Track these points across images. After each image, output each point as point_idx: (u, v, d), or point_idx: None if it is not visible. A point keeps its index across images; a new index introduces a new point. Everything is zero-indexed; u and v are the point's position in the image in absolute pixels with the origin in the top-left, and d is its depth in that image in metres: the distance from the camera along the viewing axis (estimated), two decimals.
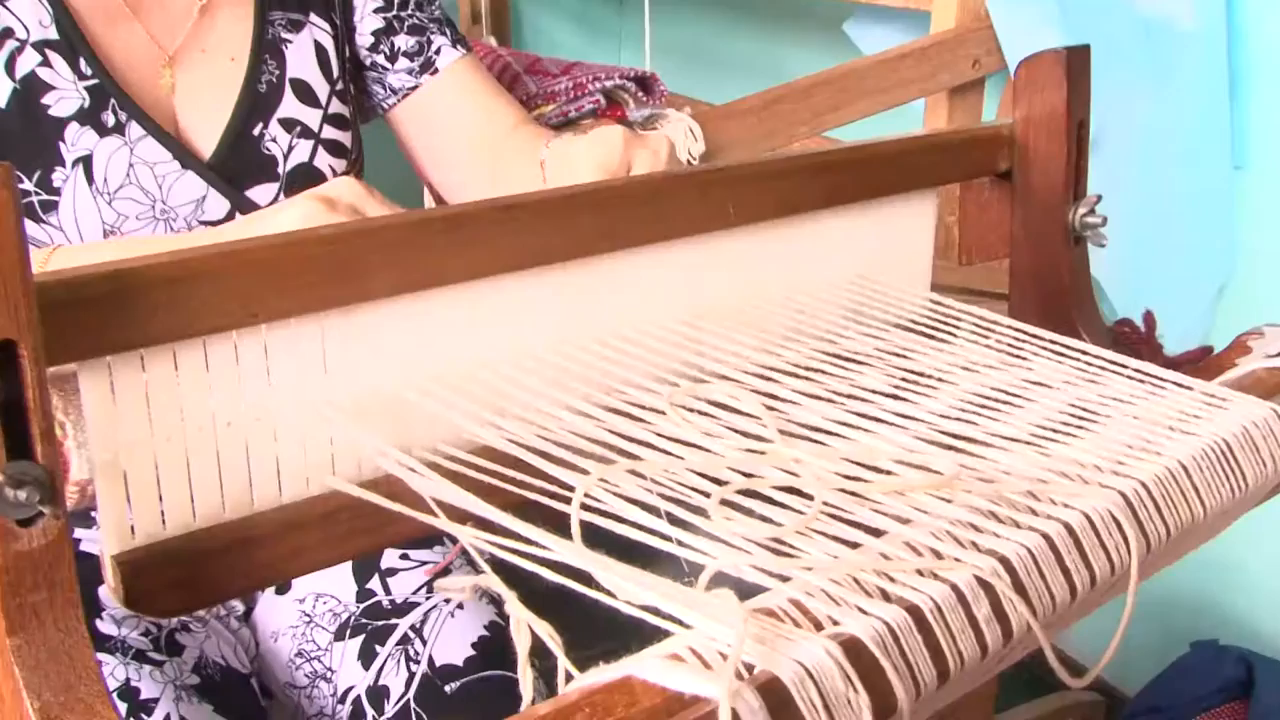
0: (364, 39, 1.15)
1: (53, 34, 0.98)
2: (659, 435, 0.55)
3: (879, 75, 1.48)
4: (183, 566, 0.56)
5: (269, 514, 0.58)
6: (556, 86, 1.35)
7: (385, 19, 1.15)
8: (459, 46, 1.18)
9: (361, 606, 1.05)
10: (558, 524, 0.50)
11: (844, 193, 0.73)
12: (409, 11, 1.16)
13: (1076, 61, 0.80)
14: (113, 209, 1.00)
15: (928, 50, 1.50)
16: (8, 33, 0.97)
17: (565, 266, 0.63)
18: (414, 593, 1.06)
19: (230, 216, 1.04)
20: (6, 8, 0.97)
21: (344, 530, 0.60)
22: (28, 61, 0.97)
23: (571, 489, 0.51)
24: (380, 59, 1.16)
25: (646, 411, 0.58)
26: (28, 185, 0.98)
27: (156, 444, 0.55)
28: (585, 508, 0.49)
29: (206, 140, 1.05)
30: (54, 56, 0.98)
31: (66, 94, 0.98)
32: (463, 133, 1.16)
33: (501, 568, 0.49)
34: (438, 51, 1.16)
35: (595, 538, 0.48)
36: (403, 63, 1.16)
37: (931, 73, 1.51)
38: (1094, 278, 1.54)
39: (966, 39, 1.51)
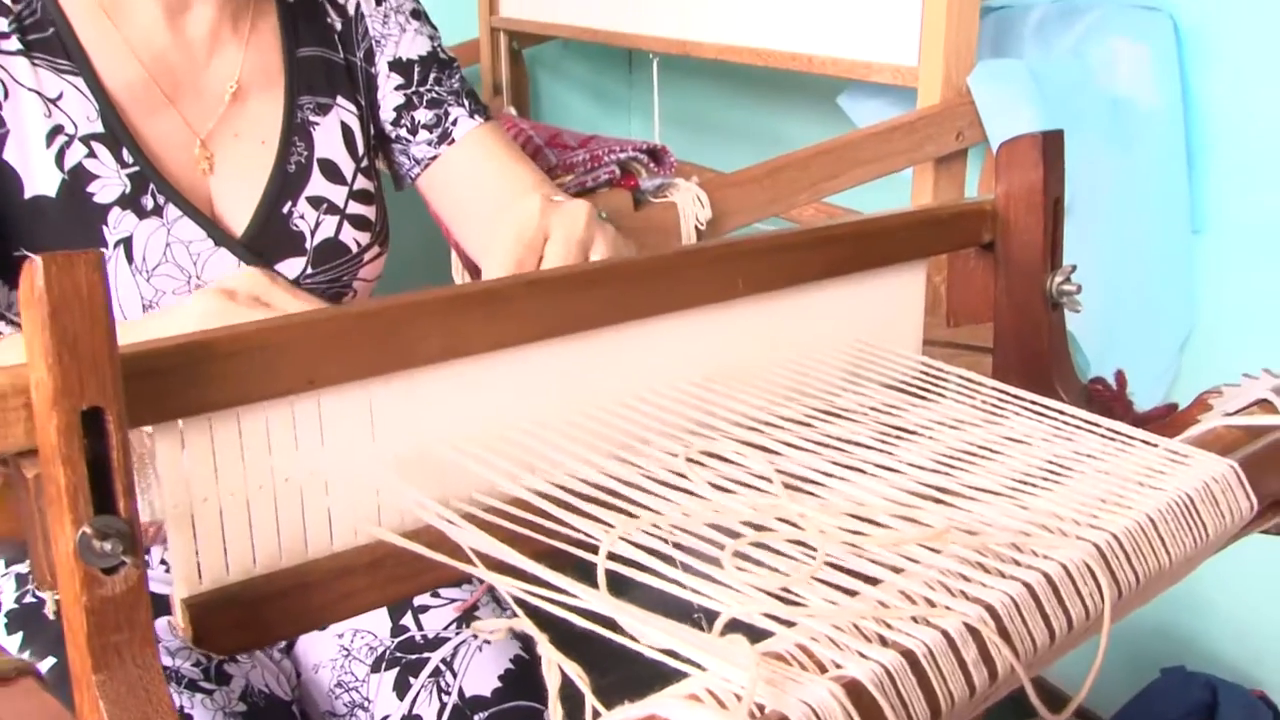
0: (387, 114, 1.16)
1: (98, 127, 0.99)
2: (674, 489, 0.57)
3: (872, 146, 1.50)
4: (244, 609, 0.57)
5: (321, 561, 0.60)
6: (575, 158, 1.37)
7: (406, 95, 1.16)
8: (476, 116, 1.17)
9: (396, 641, 1.06)
10: (579, 567, 0.51)
11: (843, 264, 0.75)
12: (428, 87, 1.16)
13: (1052, 145, 0.82)
14: (150, 285, 1.01)
15: (915, 124, 1.52)
16: (59, 129, 0.98)
17: (589, 334, 0.65)
18: (444, 628, 1.07)
19: None
20: (58, 106, 0.98)
21: (389, 576, 0.61)
22: (75, 154, 0.98)
23: (593, 538, 0.53)
24: (403, 132, 1.17)
25: (662, 467, 0.60)
26: None
27: (222, 498, 0.56)
28: (610, 557, 0.50)
29: (239, 218, 1.06)
30: (99, 148, 0.99)
31: (110, 182, 0.99)
32: (483, 196, 1.16)
33: (527, 608, 0.51)
34: (455, 123, 1.17)
35: (611, 579, 0.49)
36: (423, 135, 1.16)
37: (919, 144, 1.53)
38: (1070, 331, 1.55)
39: (951, 113, 1.53)
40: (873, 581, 0.49)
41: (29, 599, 1.08)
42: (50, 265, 0.46)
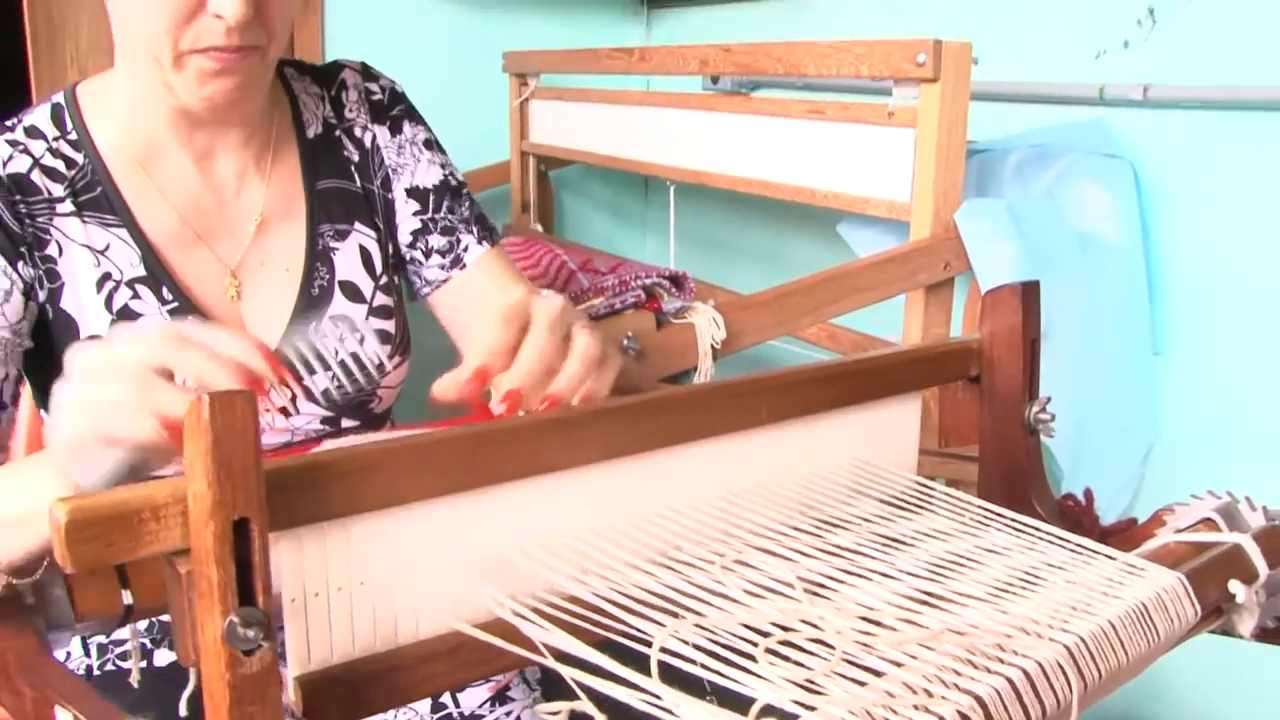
0: (404, 238, 1.19)
1: (140, 271, 1.04)
2: (710, 592, 0.63)
3: (869, 275, 1.56)
4: (346, 687, 0.63)
5: (409, 648, 0.66)
6: (605, 283, 1.44)
7: (422, 220, 1.19)
8: (484, 242, 1.21)
9: (436, 717, 1.09)
10: (622, 655, 0.57)
11: (850, 396, 0.81)
12: (441, 214, 1.19)
13: (1029, 293, 0.89)
14: None
15: (908, 255, 1.57)
16: (107, 276, 1.03)
17: (636, 457, 0.72)
18: (480, 706, 1.09)
19: (292, 402, 1.07)
20: (105, 256, 1.03)
21: (465, 661, 0.67)
22: (122, 297, 1.04)
23: (641, 631, 0.59)
24: (418, 255, 1.20)
25: (701, 573, 0.66)
26: None
27: (330, 593, 0.63)
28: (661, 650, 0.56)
29: (268, 338, 1.07)
30: (142, 289, 1.05)
31: (152, 319, 1.04)
32: (485, 313, 1.21)
33: (563, 689, 0.56)
34: (465, 249, 1.20)
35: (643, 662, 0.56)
36: (435, 259, 1.19)
37: (911, 273, 1.58)
38: (1045, 445, 1.62)
39: (939, 246, 1.58)
40: (879, 675, 0.55)
41: (110, 666, 1.13)
42: (214, 401, 0.53)
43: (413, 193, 1.19)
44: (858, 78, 1.67)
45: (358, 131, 1.18)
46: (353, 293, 1.15)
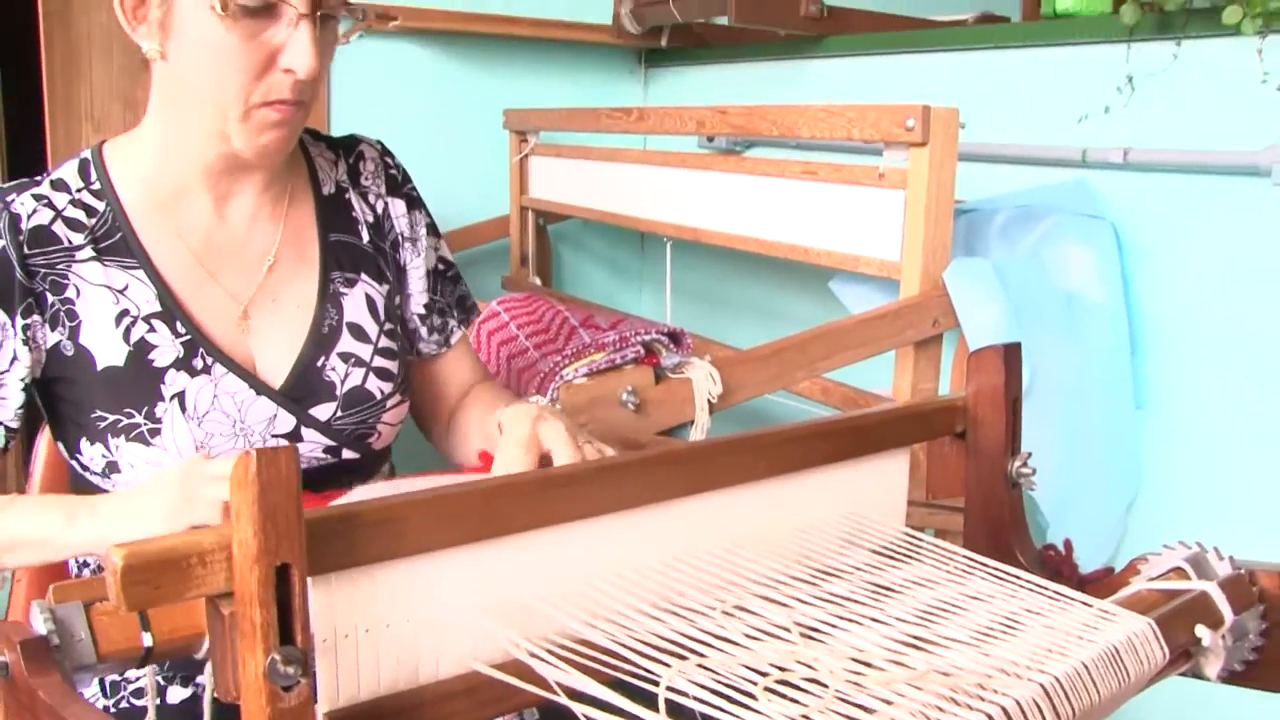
0: (414, 308, 1.30)
1: (156, 307, 1.12)
2: (712, 635, 0.68)
3: (860, 331, 1.60)
4: None
5: (430, 687, 0.70)
6: (606, 339, 1.49)
7: (430, 298, 1.30)
8: (461, 326, 1.36)
9: None
10: (632, 694, 0.61)
11: (842, 451, 0.86)
12: (440, 297, 1.31)
13: (1011, 355, 0.94)
14: (201, 429, 1.11)
15: (899, 312, 1.62)
16: (125, 312, 1.10)
17: (643, 509, 0.77)
18: None
19: (296, 430, 1.16)
20: (124, 295, 1.11)
21: (483, 699, 0.71)
22: (139, 330, 1.11)
23: (649, 672, 0.64)
24: (423, 330, 1.31)
25: (704, 618, 0.71)
26: (138, 418, 1.10)
27: (358, 635, 0.67)
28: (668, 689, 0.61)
29: (278, 371, 1.16)
30: (158, 324, 1.12)
31: (166, 349, 1.11)
32: (449, 381, 1.34)
33: None
34: (451, 331, 1.33)
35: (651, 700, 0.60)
36: (434, 336, 1.32)
37: (901, 330, 1.62)
38: (1031, 497, 1.66)
39: (928, 303, 1.62)
40: (870, 712, 0.60)
41: (124, 704, 1.18)
42: (261, 456, 0.58)
43: (425, 273, 1.30)
44: (849, 140, 1.73)
45: (371, 198, 1.27)
46: (359, 334, 1.22)
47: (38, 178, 1.14)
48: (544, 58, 3.00)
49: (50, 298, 1.09)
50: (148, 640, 0.75)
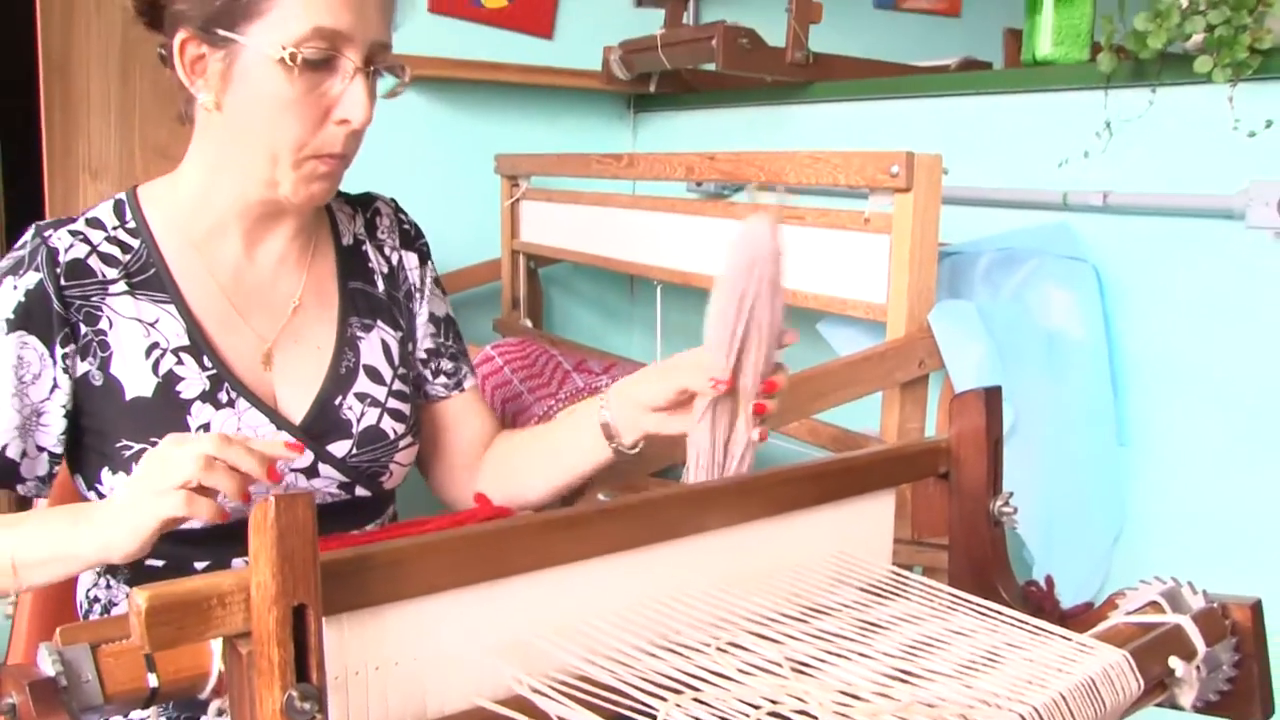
0: (420, 354, 1.34)
1: (184, 341, 1.16)
2: (707, 671, 0.71)
3: (848, 373, 1.62)
4: None
5: None
6: (599, 383, 1.53)
7: (436, 343, 1.35)
8: (472, 375, 1.39)
9: None
10: None
11: (831, 493, 0.90)
12: (449, 342, 1.36)
13: (992, 398, 0.98)
14: None
15: (885, 354, 1.64)
16: (155, 345, 1.15)
17: (639, 550, 0.80)
18: None
19: (314, 466, 1.20)
20: (154, 328, 1.15)
21: None
22: (167, 363, 1.15)
23: (647, 706, 0.67)
24: (427, 373, 1.35)
25: (699, 654, 0.74)
26: None
27: (368, 672, 0.71)
28: None
29: (298, 408, 1.21)
30: (185, 357, 1.16)
31: (193, 382, 1.16)
32: (461, 437, 1.37)
33: None
34: (464, 376, 1.38)
35: None
36: (442, 379, 1.36)
37: (888, 372, 1.64)
38: (1017, 534, 1.70)
39: (914, 345, 1.65)
40: None
41: None
42: (280, 503, 0.61)
43: (432, 319, 1.35)
44: (835, 185, 1.78)
45: (386, 250, 1.34)
46: (375, 376, 1.27)
47: (73, 216, 1.19)
48: (534, 103, 3.06)
49: (84, 328, 1.14)
50: (153, 681, 0.78)
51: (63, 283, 1.13)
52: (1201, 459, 1.79)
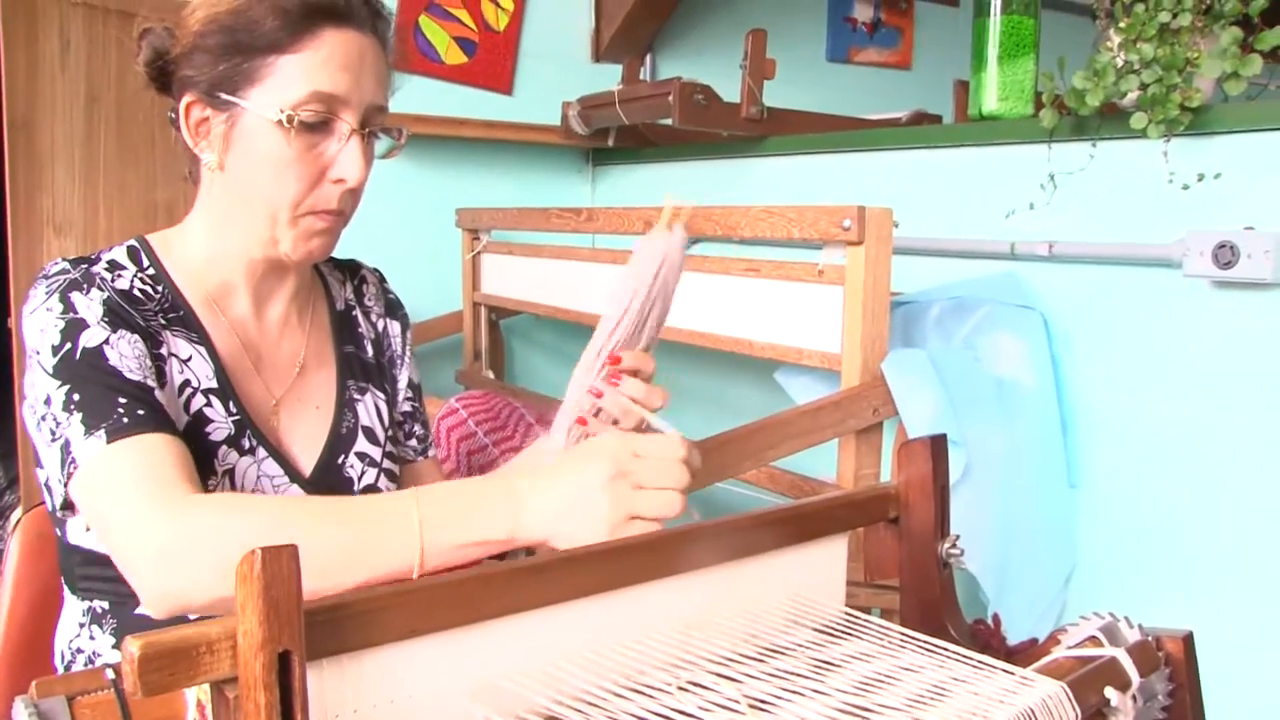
0: (397, 416, 1.39)
1: (214, 383, 1.19)
2: (669, 709, 0.76)
3: (804, 421, 1.68)
4: None
5: None
6: None
7: (412, 406, 1.41)
8: (433, 445, 1.46)
9: None
10: None
11: (786, 538, 0.95)
12: (421, 408, 1.42)
13: (938, 445, 1.03)
14: None
15: (840, 402, 1.70)
16: (187, 383, 1.17)
17: (605, 596, 0.85)
18: None
19: None
20: (188, 366, 1.17)
21: None
22: (198, 402, 1.18)
23: None
24: (401, 434, 1.40)
25: (661, 694, 0.79)
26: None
27: (347, 715, 0.75)
28: None
29: (306, 461, 1.25)
30: (214, 399, 1.19)
31: (220, 425, 1.18)
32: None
33: None
34: (430, 443, 1.44)
35: None
36: (413, 442, 1.41)
37: (842, 419, 1.70)
38: (971, 573, 1.75)
39: (868, 394, 1.71)
40: None
41: None
42: (266, 554, 0.66)
43: (410, 384, 1.41)
44: (790, 239, 1.84)
45: (373, 317, 1.41)
46: (371, 437, 1.33)
47: (90, 256, 1.19)
48: (495, 157, 3.12)
49: (150, 347, 1.14)
50: None
51: (123, 302, 1.14)
52: (1148, 498, 1.86)
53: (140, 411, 1.05)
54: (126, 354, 1.10)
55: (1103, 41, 1.81)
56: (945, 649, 0.89)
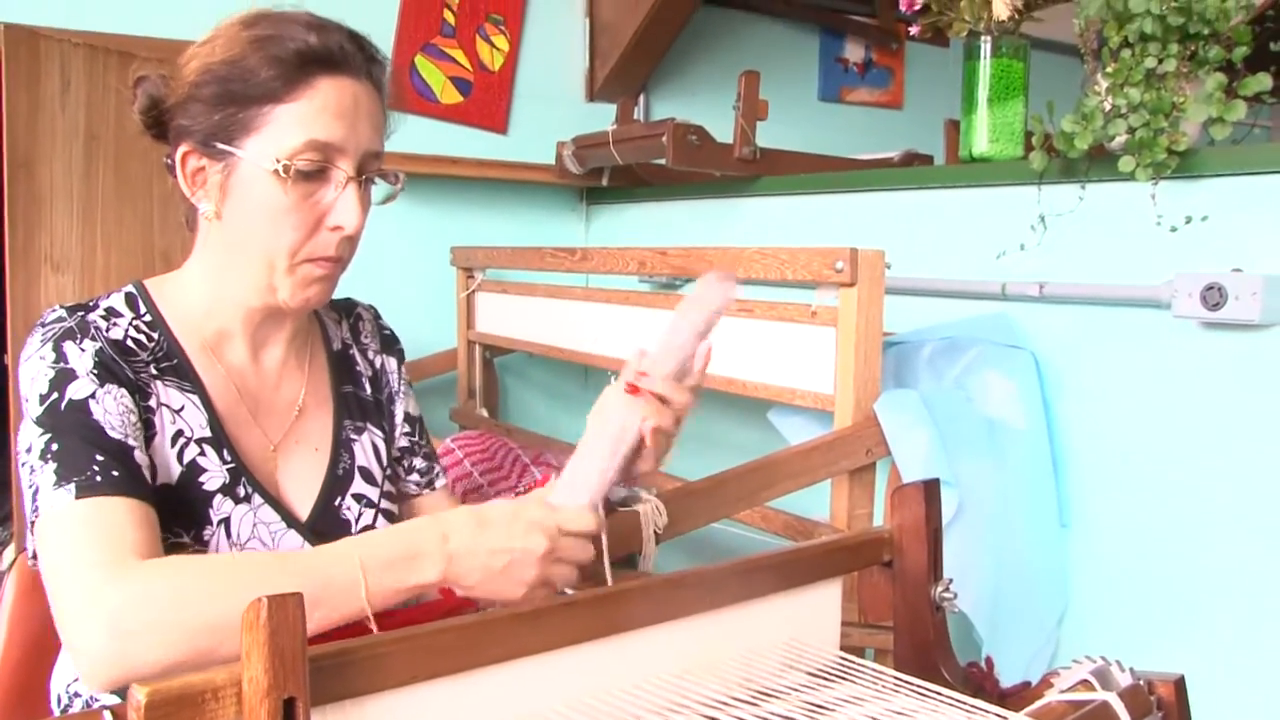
0: (395, 451, 1.39)
1: (208, 432, 1.19)
2: None
3: (797, 462, 1.69)
4: None
5: None
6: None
7: (410, 440, 1.41)
8: (442, 476, 1.45)
9: None
10: None
11: (780, 583, 0.97)
12: (421, 441, 1.42)
13: (931, 490, 1.05)
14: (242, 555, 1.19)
15: (833, 443, 1.71)
16: (180, 433, 1.17)
17: (600, 641, 0.86)
18: None
19: None
20: (180, 416, 1.18)
21: None
22: (191, 452, 1.18)
23: None
24: (401, 470, 1.40)
25: None
26: (185, 539, 1.16)
27: None
28: None
29: (303, 506, 1.25)
30: (208, 448, 1.19)
31: (214, 474, 1.19)
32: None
33: None
34: (437, 476, 1.44)
35: None
36: (415, 476, 1.41)
37: (835, 459, 1.71)
38: (964, 613, 1.76)
39: (861, 434, 1.72)
40: None
41: None
42: (271, 602, 0.67)
43: (407, 418, 1.41)
44: (783, 280, 1.86)
45: (370, 354, 1.41)
46: (368, 477, 1.33)
47: (87, 303, 1.20)
48: (490, 196, 3.14)
49: (140, 399, 1.15)
50: None
51: (115, 354, 1.15)
52: (1138, 538, 1.87)
53: (115, 472, 1.06)
54: (111, 410, 1.10)
55: (1090, 85, 1.84)
56: (939, 693, 0.90)
